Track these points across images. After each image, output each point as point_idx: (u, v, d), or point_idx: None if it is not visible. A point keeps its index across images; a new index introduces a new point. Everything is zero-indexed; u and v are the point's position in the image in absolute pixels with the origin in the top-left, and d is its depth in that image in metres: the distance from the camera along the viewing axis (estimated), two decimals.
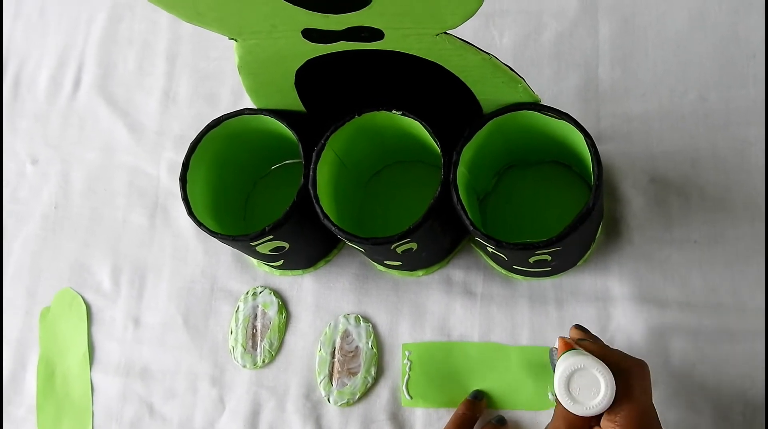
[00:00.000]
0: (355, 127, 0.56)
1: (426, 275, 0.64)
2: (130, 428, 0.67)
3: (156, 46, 0.78)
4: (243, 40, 0.48)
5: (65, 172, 0.76)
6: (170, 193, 0.72)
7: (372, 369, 0.63)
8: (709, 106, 0.62)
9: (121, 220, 0.73)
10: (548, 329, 0.61)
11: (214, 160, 0.60)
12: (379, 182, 0.67)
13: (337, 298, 0.66)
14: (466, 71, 0.50)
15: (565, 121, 0.51)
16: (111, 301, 0.71)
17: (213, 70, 0.75)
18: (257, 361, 0.65)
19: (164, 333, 0.69)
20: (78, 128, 0.78)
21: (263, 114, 0.57)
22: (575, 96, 0.65)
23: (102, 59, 0.79)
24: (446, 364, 0.62)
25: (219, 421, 0.65)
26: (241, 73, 0.52)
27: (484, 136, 0.54)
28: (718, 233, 0.60)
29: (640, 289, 0.60)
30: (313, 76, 0.53)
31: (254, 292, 0.67)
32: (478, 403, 0.59)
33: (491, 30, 0.69)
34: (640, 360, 0.46)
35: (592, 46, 0.66)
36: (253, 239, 0.55)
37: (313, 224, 0.55)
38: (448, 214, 0.53)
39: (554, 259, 0.55)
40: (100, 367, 0.69)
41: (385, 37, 0.46)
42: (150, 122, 0.75)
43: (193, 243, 0.70)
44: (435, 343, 0.62)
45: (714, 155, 0.61)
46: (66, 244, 0.74)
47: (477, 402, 0.59)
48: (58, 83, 0.80)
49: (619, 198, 0.62)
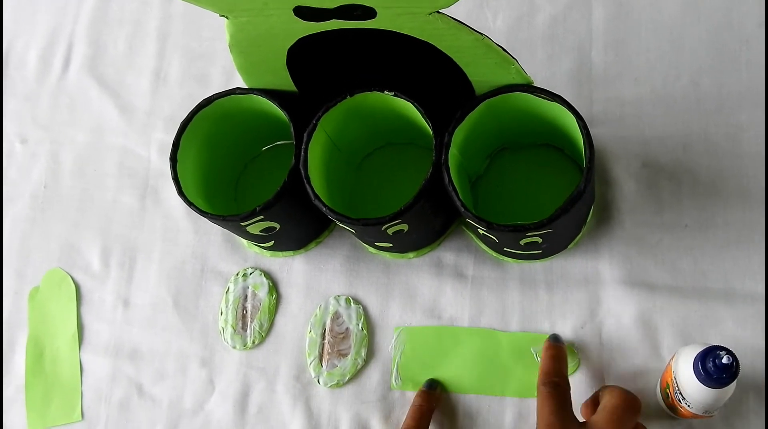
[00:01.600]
0: (347, 108, 0.56)
1: (417, 257, 0.64)
2: (119, 409, 0.67)
3: (147, 25, 0.77)
4: (234, 18, 0.48)
5: (55, 152, 0.76)
6: (161, 173, 0.72)
7: (362, 350, 0.63)
8: (702, 91, 0.62)
9: (111, 200, 0.73)
10: (538, 312, 0.61)
11: (204, 140, 0.60)
12: (371, 164, 0.66)
13: (327, 280, 0.66)
14: (459, 52, 0.49)
15: (557, 103, 0.51)
16: (100, 281, 0.70)
17: (204, 50, 0.75)
18: (247, 343, 0.65)
19: (154, 314, 0.68)
20: (68, 108, 0.77)
21: (254, 94, 0.57)
22: (568, 79, 0.65)
23: (92, 39, 0.78)
24: (437, 349, 0.62)
25: (208, 402, 0.65)
26: (232, 52, 0.52)
27: (476, 118, 0.54)
28: (709, 218, 0.60)
29: (630, 273, 0.60)
30: (305, 55, 0.53)
31: (245, 273, 0.67)
32: (433, 392, 0.59)
33: (485, 11, 0.68)
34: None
35: (586, 29, 0.66)
36: (243, 219, 0.55)
37: (304, 205, 0.55)
38: (439, 195, 0.53)
39: (545, 241, 0.55)
40: (90, 347, 0.69)
41: (378, 16, 0.46)
42: (140, 102, 0.75)
43: (184, 223, 0.70)
44: (427, 328, 0.62)
45: (706, 140, 0.61)
46: (55, 225, 0.73)
47: (432, 392, 0.59)
48: (48, 63, 0.79)
49: (610, 182, 0.62)
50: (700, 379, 0.46)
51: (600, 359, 0.59)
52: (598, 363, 0.59)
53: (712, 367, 0.45)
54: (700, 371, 0.45)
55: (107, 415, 0.67)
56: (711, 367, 0.45)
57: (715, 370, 0.45)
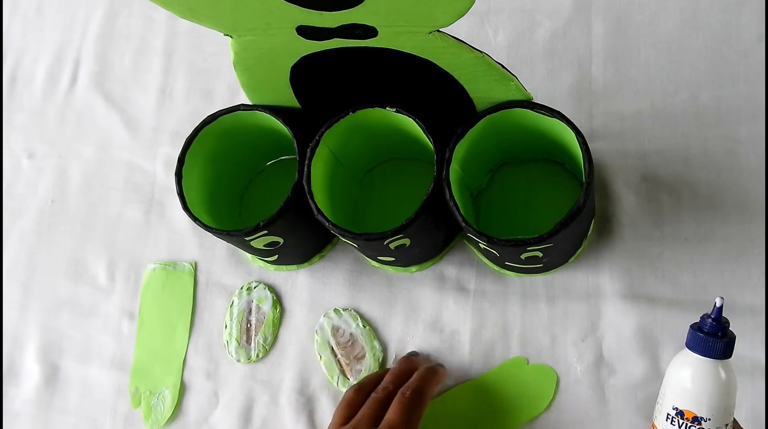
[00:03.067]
0: (349, 124, 0.56)
1: (419, 271, 0.65)
2: (124, 422, 0.67)
3: (152, 42, 0.78)
4: (238, 37, 0.48)
5: (61, 167, 0.77)
6: (166, 188, 0.73)
7: (375, 343, 0.63)
8: (701, 105, 0.63)
9: (117, 214, 0.73)
10: (539, 325, 0.61)
11: (209, 156, 0.61)
12: (373, 179, 0.67)
13: (331, 294, 0.66)
14: (460, 69, 0.50)
15: (557, 119, 0.52)
16: (106, 295, 0.71)
17: (209, 66, 0.76)
18: (251, 356, 0.66)
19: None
20: (74, 124, 0.78)
21: (258, 110, 0.58)
22: (568, 94, 0.66)
23: (99, 55, 0.79)
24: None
25: (213, 415, 0.65)
26: (237, 69, 0.53)
27: (477, 134, 0.55)
28: (709, 231, 0.60)
29: (630, 286, 0.60)
30: (308, 72, 0.54)
31: (249, 286, 0.67)
32: (414, 358, 0.61)
33: (486, 28, 0.69)
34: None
35: (586, 44, 0.67)
36: (247, 234, 0.56)
37: (308, 220, 0.56)
38: (441, 210, 0.54)
39: (546, 255, 0.55)
40: (96, 361, 0.69)
41: (379, 35, 0.46)
42: (146, 118, 0.76)
43: (189, 238, 0.71)
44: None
45: (705, 154, 0.62)
46: (62, 239, 0.74)
47: (413, 358, 0.61)
48: (54, 79, 0.80)
49: (610, 196, 0.63)
50: (697, 344, 0.45)
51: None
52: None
53: (709, 321, 0.45)
54: (697, 334, 0.45)
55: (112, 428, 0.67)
56: (707, 322, 0.45)
57: (713, 323, 0.44)
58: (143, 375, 0.68)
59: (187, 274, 0.69)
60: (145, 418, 0.66)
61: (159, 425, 0.66)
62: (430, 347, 0.63)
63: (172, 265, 0.70)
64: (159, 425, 0.66)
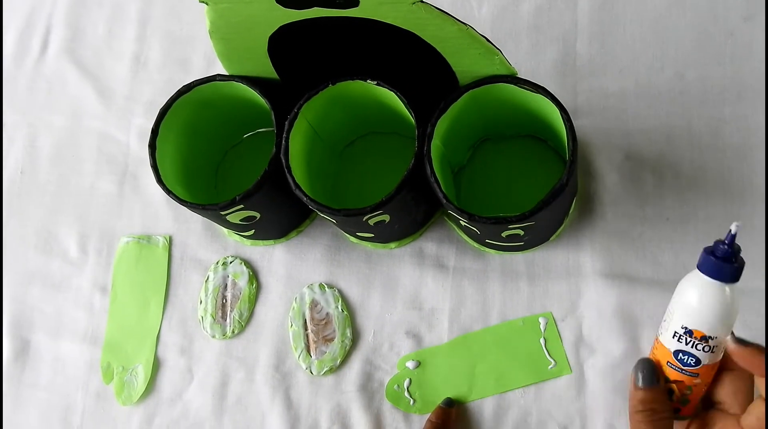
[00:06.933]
0: (328, 96, 0.55)
1: (398, 247, 0.64)
2: (96, 398, 0.66)
3: (127, 8, 0.76)
4: (214, 4, 0.47)
5: (32, 136, 0.74)
6: (140, 160, 0.71)
7: (347, 331, 0.62)
8: (686, 84, 0.62)
9: (89, 186, 0.72)
10: (519, 304, 0.61)
11: (184, 127, 0.59)
12: (352, 153, 0.66)
13: (308, 269, 0.65)
14: (443, 42, 0.49)
15: (541, 94, 0.51)
16: (78, 268, 0.70)
17: (185, 35, 0.74)
18: (227, 332, 0.65)
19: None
20: (45, 92, 0.76)
21: (235, 80, 0.56)
22: (552, 70, 0.65)
23: (71, 22, 0.77)
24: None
25: (187, 392, 0.64)
26: (213, 38, 0.51)
27: (459, 109, 0.54)
28: (691, 211, 0.60)
29: (611, 265, 0.60)
30: (286, 43, 0.52)
31: (224, 261, 0.66)
32: (449, 410, 0.59)
33: (470, 0, 0.68)
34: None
35: (571, 20, 0.66)
36: (223, 208, 0.55)
37: (285, 194, 0.54)
38: (421, 186, 0.53)
39: (527, 233, 0.55)
40: (67, 335, 0.68)
41: (360, 4, 0.45)
42: (120, 87, 0.74)
43: (163, 211, 0.69)
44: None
45: (689, 133, 0.61)
46: (32, 211, 0.72)
47: (448, 409, 0.59)
48: (25, 46, 0.78)
49: (593, 174, 0.62)
50: (710, 268, 0.47)
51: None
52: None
53: (723, 245, 0.47)
54: (711, 257, 0.47)
55: (84, 404, 0.66)
56: (721, 246, 0.47)
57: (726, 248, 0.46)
58: (116, 350, 0.66)
59: (161, 249, 0.68)
60: (117, 393, 0.65)
61: (132, 401, 0.65)
62: (408, 325, 0.62)
63: (146, 238, 0.68)
64: (132, 401, 0.65)
